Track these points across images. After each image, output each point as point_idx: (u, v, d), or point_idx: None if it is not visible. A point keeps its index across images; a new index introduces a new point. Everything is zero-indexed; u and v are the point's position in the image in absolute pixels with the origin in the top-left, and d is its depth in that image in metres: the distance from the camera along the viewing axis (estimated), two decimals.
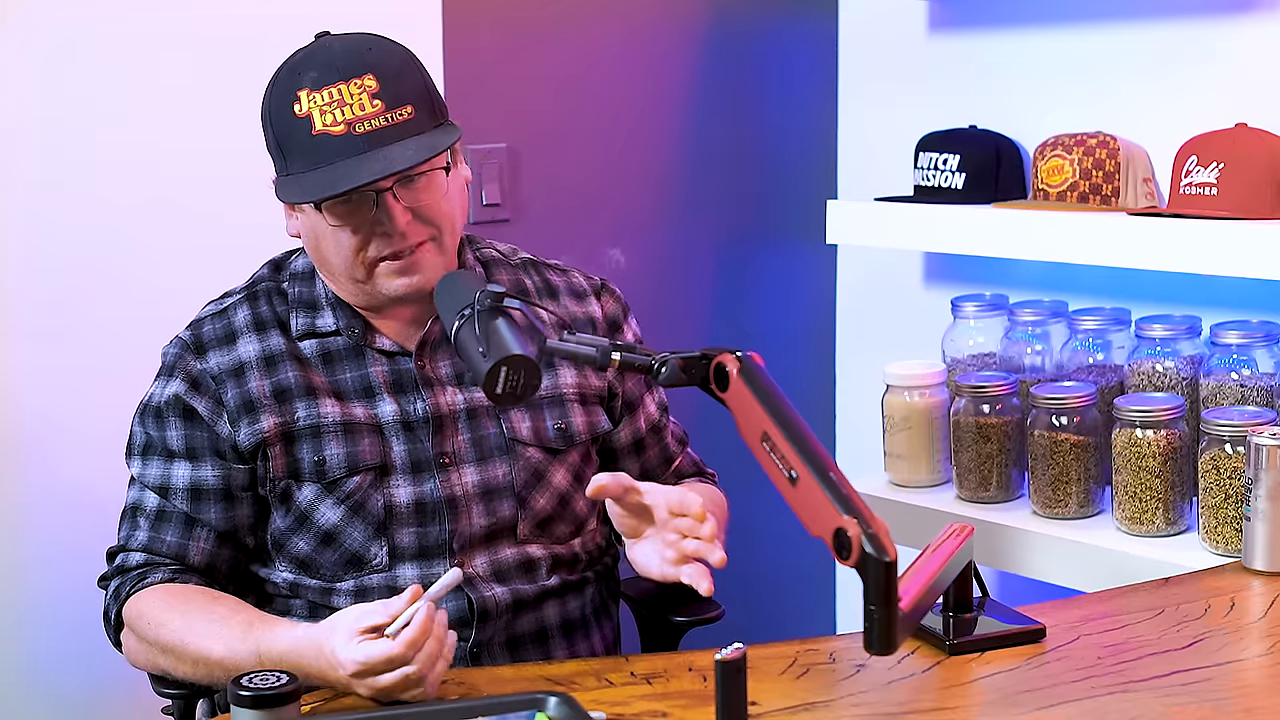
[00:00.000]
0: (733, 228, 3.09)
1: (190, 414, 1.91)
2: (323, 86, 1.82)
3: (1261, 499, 2.02)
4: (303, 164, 1.83)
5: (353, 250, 1.86)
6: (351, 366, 1.93)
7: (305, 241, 1.93)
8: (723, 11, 3.03)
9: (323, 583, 1.91)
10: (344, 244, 1.86)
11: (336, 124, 1.81)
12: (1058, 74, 2.76)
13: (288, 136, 1.84)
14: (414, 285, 1.88)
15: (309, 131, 1.82)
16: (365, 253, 1.86)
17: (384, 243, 1.85)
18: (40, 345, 2.41)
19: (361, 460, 1.89)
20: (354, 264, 1.87)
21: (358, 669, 1.62)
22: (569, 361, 1.99)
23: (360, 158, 1.80)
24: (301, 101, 1.82)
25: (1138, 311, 2.58)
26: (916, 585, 1.65)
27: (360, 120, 1.81)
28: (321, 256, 1.91)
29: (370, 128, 1.81)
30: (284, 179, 1.86)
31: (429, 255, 1.88)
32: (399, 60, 1.87)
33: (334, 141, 1.81)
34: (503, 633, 1.92)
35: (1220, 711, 1.62)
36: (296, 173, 1.84)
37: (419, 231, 1.87)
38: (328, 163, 1.81)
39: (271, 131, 1.87)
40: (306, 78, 1.84)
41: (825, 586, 3.28)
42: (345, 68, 1.83)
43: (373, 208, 1.83)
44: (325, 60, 1.84)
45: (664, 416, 2.14)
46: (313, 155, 1.82)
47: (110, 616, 1.91)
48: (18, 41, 2.36)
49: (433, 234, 1.88)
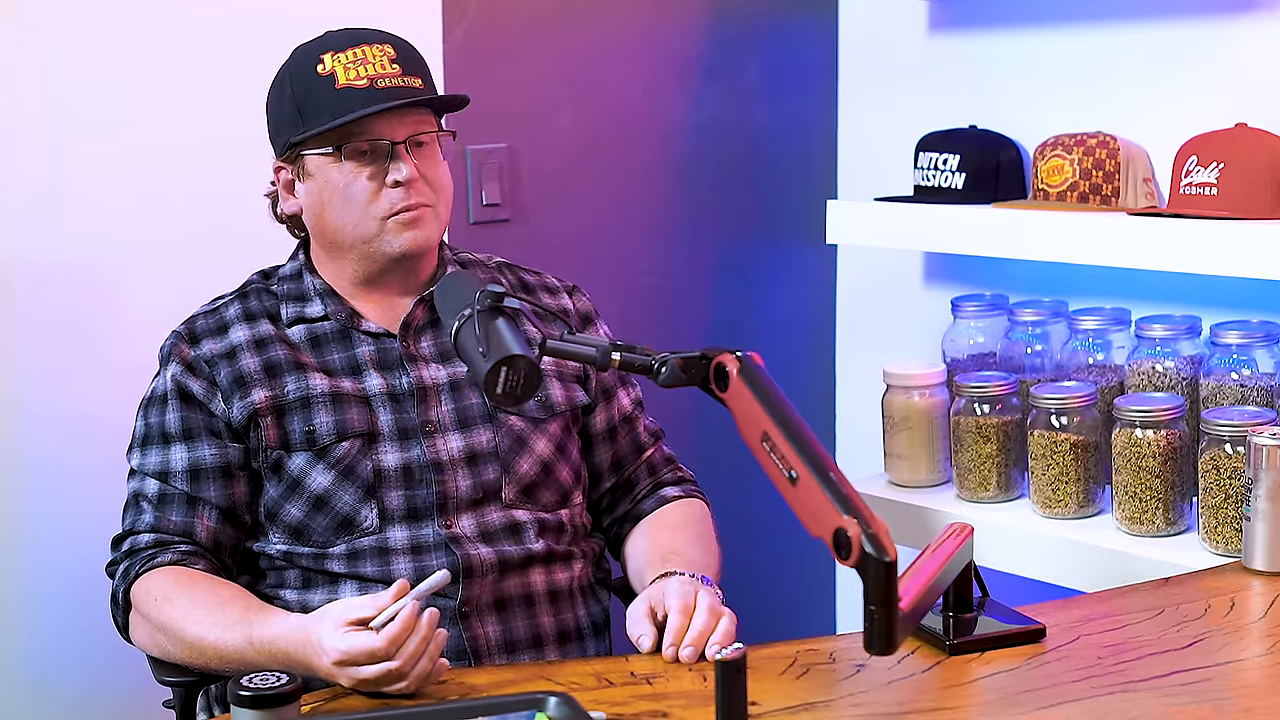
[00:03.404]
0: (733, 228, 3.09)
1: (186, 396, 1.97)
2: (347, 48, 1.96)
3: (1261, 499, 2.02)
4: (325, 117, 1.93)
5: (364, 203, 1.95)
6: (339, 348, 2.01)
7: (309, 213, 2.01)
8: (723, 12, 3.03)
9: (315, 549, 1.95)
10: (357, 198, 1.95)
11: (360, 79, 1.94)
12: (1058, 74, 2.76)
13: (308, 95, 1.95)
14: (417, 241, 1.97)
15: (332, 86, 1.94)
16: (376, 205, 1.96)
17: (396, 194, 1.95)
18: (40, 345, 2.41)
19: (350, 427, 1.96)
20: (364, 219, 1.96)
21: (340, 658, 1.66)
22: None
23: (380, 103, 1.92)
24: (325, 62, 1.95)
25: (1138, 311, 2.58)
26: (916, 585, 1.65)
27: (381, 77, 1.95)
28: (328, 222, 1.99)
29: (390, 84, 1.94)
30: (302, 135, 1.95)
31: (428, 216, 1.98)
32: (407, 43, 2.01)
33: (358, 94, 1.93)
34: (490, 592, 1.96)
35: (1220, 711, 1.62)
36: (316, 126, 1.94)
37: (425, 192, 1.97)
38: (352, 111, 1.92)
39: (290, 98, 1.97)
40: (329, 44, 1.97)
41: (825, 586, 3.28)
42: (366, 36, 1.98)
43: (387, 159, 1.94)
44: (346, 33, 1.99)
45: (636, 409, 2.19)
46: (334, 107, 1.93)
47: (118, 598, 1.94)
48: (18, 42, 2.36)
49: (432, 201, 1.99)
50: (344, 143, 1.94)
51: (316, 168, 1.97)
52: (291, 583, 1.97)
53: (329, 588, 1.95)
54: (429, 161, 1.98)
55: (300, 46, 2.01)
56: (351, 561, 1.94)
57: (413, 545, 1.94)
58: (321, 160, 1.96)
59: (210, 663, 1.83)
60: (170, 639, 1.86)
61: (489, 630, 1.95)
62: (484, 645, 1.94)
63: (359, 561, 1.94)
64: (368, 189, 1.95)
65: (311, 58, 1.96)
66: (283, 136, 1.99)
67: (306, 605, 1.91)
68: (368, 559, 1.94)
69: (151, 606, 1.88)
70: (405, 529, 1.95)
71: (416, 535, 1.95)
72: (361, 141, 1.94)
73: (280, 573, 1.98)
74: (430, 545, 1.94)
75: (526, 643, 1.97)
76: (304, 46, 2.00)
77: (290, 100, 1.97)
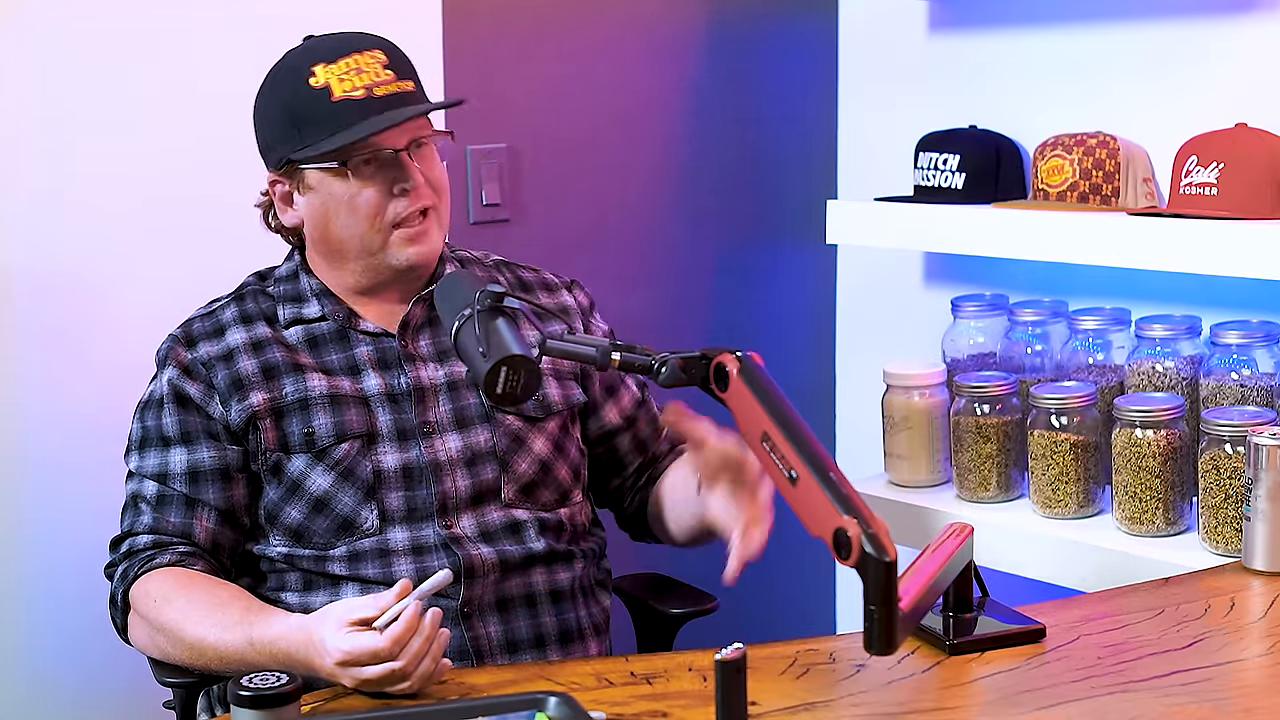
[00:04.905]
0: (733, 228, 3.09)
1: (184, 400, 1.97)
2: (338, 58, 1.93)
3: (1261, 499, 2.02)
4: (325, 131, 1.91)
5: (371, 215, 1.94)
6: (337, 348, 2.00)
7: (311, 225, 1.99)
8: (723, 12, 3.03)
9: (316, 551, 1.95)
10: (362, 210, 1.94)
11: (356, 89, 1.91)
12: (1057, 74, 2.76)
13: (304, 110, 1.92)
14: (422, 254, 1.97)
15: (329, 99, 1.91)
16: (382, 217, 1.94)
17: (402, 202, 1.94)
18: (41, 346, 2.41)
19: (349, 429, 1.95)
20: (370, 231, 1.95)
21: (342, 658, 1.66)
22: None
23: (382, 116, 1.91)
24: (317, 74, 1.92)
25: (1138, 311, 2.58)
26: (916, 585, 1.65)
27: (377, 85, 1.92)
28: (332, 235, 1.97)
29: (386, 92, 1.93)
30: (302, 150, 1.93)
31: (432, 227, 1.98)
32: (395, 46, 1.99)
33: (356, 104, 1.91)
34: (491, 592, 1.95)
35: (1220, 711, 1.62)
36: (316, 141, 1.92)
37: (428, 195, 1.97)
38: (352, 124, 1.90)
39: (283, 112, 1.94)
40: (318, 54, 1.94)
41: (825, 586, 3.28)
42: (355, 42, 1.95)
43: (392, 168, 1.92)
44: (333, 41, 1.97)
45: (644, 391, 2.20)
46: (334, 120, 1.91)
47: (117, 600, 1.94)
48: (17, 42, 2.36)
49: (436, 203, 1.98)
50: (347, 156, 1.92)
51: (318, 181, 1.95)
52: (292, 585, 1.96)
53: (330, 590, 1.94)
54: (429, 163, 1.98)
55: (286, 57, 1.97)
56: (352, 563, 1.94)
57: (413, 546, 1.94)
58: (323, 173, 1.94)
59: (210, 664, 1.83)
60: (170, 640, 1.86)
61: (491, 630, 1.95)
62: (486, 645, 1.94)
63: (360, 563, 1.94)
64: (373, 199, 1.93)
65: (301, 69, 1.93)
66: (278, 151, 1.96)
67: (308, 608, 1.90)
68: (368, 561, 1.94)
69: (150, 608, 1.87)
70: (405, 530, 1.95)
71: (417, 536, 1.95)
72: (365, 153, 1.92)
73: (281, 575, 1.97)
74: (431, 546, 1.94)
75: (529, 643, 1.97)
76: (290, 57, 1.97)
77: (284, 114, 1.94)
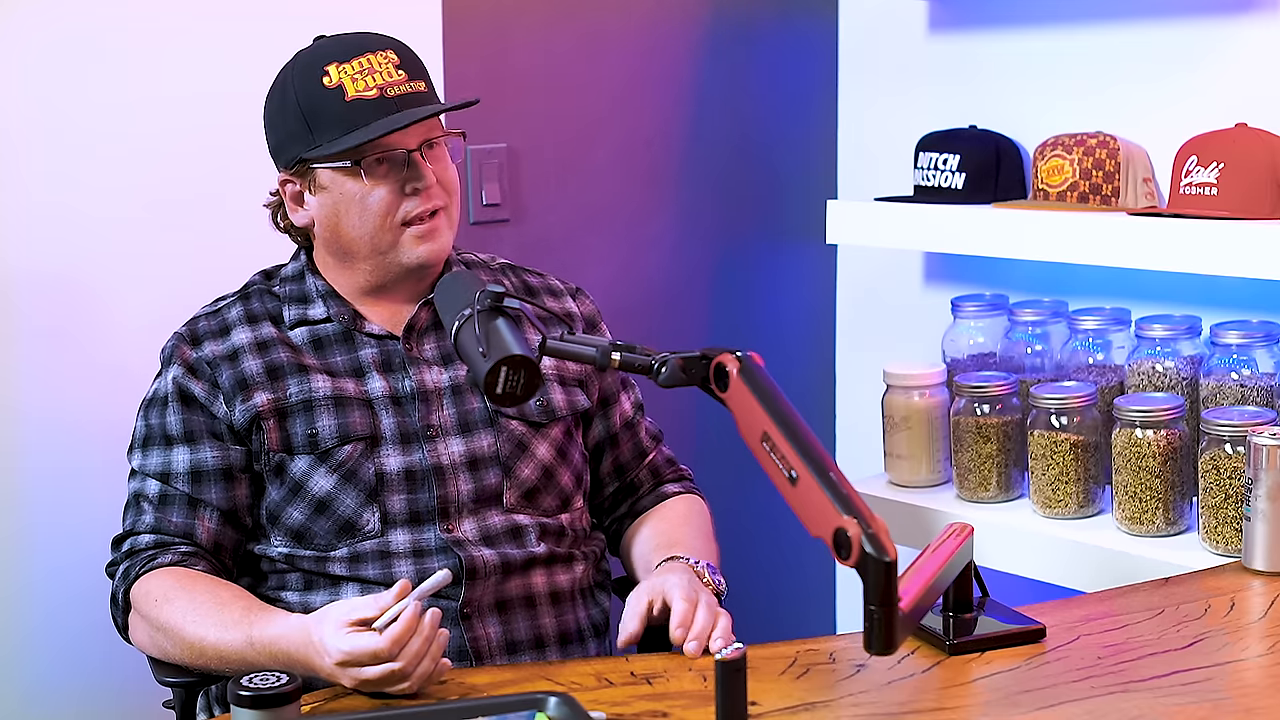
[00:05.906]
0: (733, 228, 3.09)
1: (188, 399, 1.97)
2: (351, 58, 1.94)
3: (1261, 499, 2.02)
4: (337, 130, 1.92)
5: (383, 214, 1.95)
6: (342, 350, 2.01)
7: (322, 225, 1.99)
8: (723, 11, 3.03)
9: (317, 552, 1.95)
10: (374, 209, 1.95)
11: (369, 89, 1.93)
12: (1058, 74, 2.76)
13: (317, 109, 1.93)
14: (434, 252, 1.98)
15: (342, 99, 1.92)
16: (394, 216, 1.95)
17: (413, 201, 1.95)
18: (41, 347, 2.41)
19: (352, 431, 1.95)
20: (382, 230, 1.96)
21: (342, 658, 1.66)
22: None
23: (396, 116, 1.92)
24: (331, 74, 1.93)
25: (1138, 311, 2.58)
26: (916, 585, 1.65)
27: (390, 85, 1.94)
28: (343, 234, 1.98)
29: (399, 92, 1.94)
30: (315, 150, 1.93)
31: (443, 226, 1.99)
32: (406, 46, 2.00)
33: (369, 104, 1.92)
34: (492, 594, 1.96)
35: (1220, 711, 1.62)
36: (329, 141, 1.93)
37: (440, 195, 1.98)
38: (366, 123, 1.91)
39: (296, 111, 1.94)
40: (331, 54, 1.95)
41: (825, 586, 3.28)
42: (367, 42, 1.96)
43: (404, 167, 1.93)
44: (345, 41, 1.98)
45: (638, 414, 2.20)
46: (347, 120, 1.92)
47: (118, 599, 1.94)
48: (18, 43, 2.36)
49: (447, 203, 1.99)
50: (360, 156, 1.93)
51: (330, 180, 1.95)
52: (293, 585, 1.97)
53: (330, 590, 1.95)
54: (440, 163, 1.98)
55: (298, 56, 1.98)
56: (353, 564, 1.94)
57: (414, 549, 1.94)
58: (335, 173, 1.95)
59: (210, 663, 1.83)
60: (170, 639, 1.86)
61: (490, 631, 1.95)
62: (485, 646, 1.94)
63: (361, 564, 1.94)
64: (385, 198, 1.94)
65: (315, 69, 1.94)
66: (290, 151, 1.96)
67: (308, 607, 1.91)
68: (369, 562, 1.94)
69: (151, 607, 1.88)
70: (407, 532, 1.95)
71: (418, 539, 1.95)
72: (378, 153, 1.93)
73: (281, 575, 1.97)
74: (432, 549, 1.94)
75: (528, 644, 1.97)
76: (302, 56, 1.98)
77: (297, 114, 1.94)
